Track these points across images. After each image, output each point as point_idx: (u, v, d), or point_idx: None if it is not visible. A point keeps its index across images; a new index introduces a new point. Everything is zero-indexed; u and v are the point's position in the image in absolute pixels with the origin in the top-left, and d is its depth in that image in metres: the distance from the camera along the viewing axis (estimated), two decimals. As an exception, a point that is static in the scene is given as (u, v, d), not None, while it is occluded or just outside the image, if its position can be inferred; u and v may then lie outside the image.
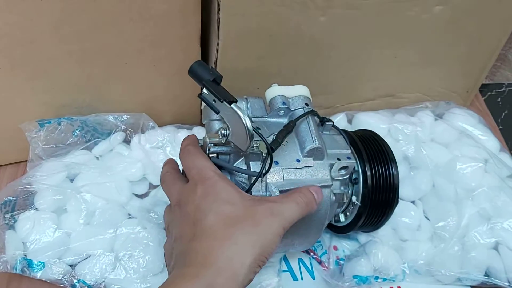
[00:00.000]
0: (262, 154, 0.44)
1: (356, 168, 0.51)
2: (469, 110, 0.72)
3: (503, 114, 0.81)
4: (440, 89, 0.72)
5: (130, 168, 0.59)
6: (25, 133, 0.58)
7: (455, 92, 0.73)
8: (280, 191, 0.44)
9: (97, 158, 0.61)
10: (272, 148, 0.43)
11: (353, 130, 0.67)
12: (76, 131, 0.60)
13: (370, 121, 0.66)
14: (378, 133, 0.56)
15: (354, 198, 0.51)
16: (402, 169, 0.60)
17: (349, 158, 0.49)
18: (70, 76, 0.57)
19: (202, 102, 0.44)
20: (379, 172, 0.51)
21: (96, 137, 0.62)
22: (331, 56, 0.61)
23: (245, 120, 0.40)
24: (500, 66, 0.89)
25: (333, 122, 0.52)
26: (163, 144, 0.63)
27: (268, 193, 0.44)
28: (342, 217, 0.54)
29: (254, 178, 0.43)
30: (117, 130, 0.62)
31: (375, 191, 0.51)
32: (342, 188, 0.50)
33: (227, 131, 0.43)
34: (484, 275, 0.56)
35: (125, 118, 0.63)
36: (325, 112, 0.69)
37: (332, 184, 0.47)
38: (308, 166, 0.46)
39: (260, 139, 0.42)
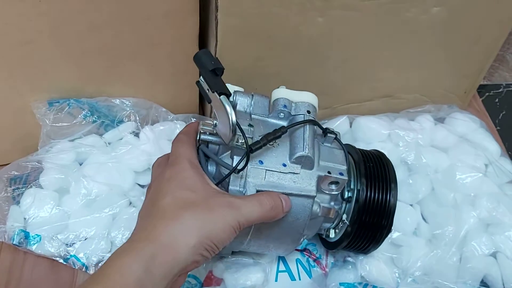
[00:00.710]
0: None
1: (352, 187, 0.50)
2: (471, 114, 0.71)
3: (501, 114, 0.81)
4: (438, 89, 0.72)
5: (136, 157, 0.60)
6: (34, 111, 0.59)
7: (453, 92, 0.73)
8: (258, 191, 0.43)
9: (107, 144, 0.62)
10: (250, 147, 0.42)
11: (353, 133, 0.67)
12: (84, 113, 0.61)
13: (371, 126, 0.66)
14: (379, 139, 0.54)
15: (344, 216, 0.50)
16: (400, 173, 0.60)
17: (341, 174, 0.47)
18: (69, 77, 0.58)
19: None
20: (375, 196, 0.49)
21: (105, 123, 0.63)
22: (329, 57, 0.61)
23: (230, 114, 0.39)
24: (498, 67, 0.89)
25: (336, 135, 0.50)
26: (176, 130, 0.63)
27: (244, 190, 0.43)
28: (332, 233, 0.53)
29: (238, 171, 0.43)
30: (125, 115, 0.63)
31: (365, 213, 0.49)
32: (332, 203, 0.49)
33: (216, 122, 0.43)
34: (481, 283, 0.56)
35: (132, 103, 0.63)
36: (324, 113, 0.69)
37: (315, 196, 0.45)
38: (294, 173, 0.45)
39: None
